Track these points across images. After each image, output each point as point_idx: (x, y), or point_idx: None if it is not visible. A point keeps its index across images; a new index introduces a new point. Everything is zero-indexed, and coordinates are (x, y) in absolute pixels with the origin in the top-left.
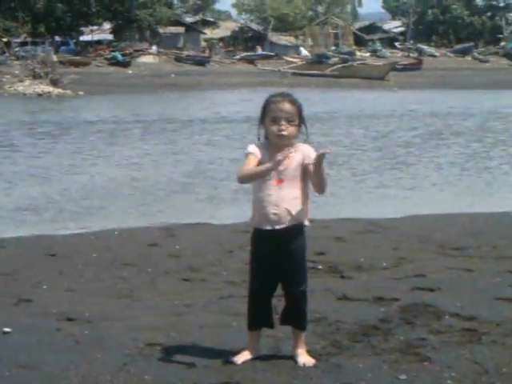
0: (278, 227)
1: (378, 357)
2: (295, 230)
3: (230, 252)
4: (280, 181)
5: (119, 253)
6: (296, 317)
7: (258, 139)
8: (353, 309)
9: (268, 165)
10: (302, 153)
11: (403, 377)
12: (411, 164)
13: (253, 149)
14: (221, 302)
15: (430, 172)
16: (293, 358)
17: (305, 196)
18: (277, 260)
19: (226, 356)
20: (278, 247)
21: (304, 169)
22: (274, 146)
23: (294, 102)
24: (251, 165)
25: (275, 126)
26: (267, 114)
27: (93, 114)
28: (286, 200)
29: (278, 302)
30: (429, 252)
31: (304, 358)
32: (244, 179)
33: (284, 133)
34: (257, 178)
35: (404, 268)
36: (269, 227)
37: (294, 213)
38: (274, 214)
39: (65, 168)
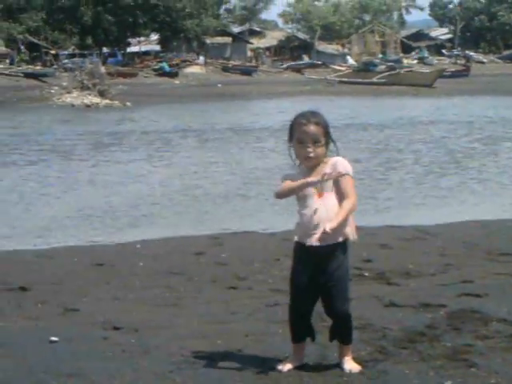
0: (325, 244)
1: (424, 363)
2: (341, 246)
3: (276, 260)
4: (320, 194)
5: (166, 262)
6: (342, 334)
7: (291, 158)
8: (399, 315)
9: (306, 180)
10: (331, 165)
11: (449, 383)
12: (461, 170)
13: (286, 177)
14: (267, 310)
15: (480, 178)
16: (339, 364)
17: None
18: (318, 277)
19: (272, 363)
20: (320, 264)
21: (334, 180)
22: (306, 168)
23: (318, 122)
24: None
25: (302, 149)
26: (294, 135)
27: (142, 125)
28: (332, 212)
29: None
30: (476, 258)
31: (350, 365)
32: (283, 194)
33: (311, 155)
34: (294, 193)
35: (451, 274)
36: (316, 243)
37: (341, 227)
38: (315, 232)
39: (114, 178)
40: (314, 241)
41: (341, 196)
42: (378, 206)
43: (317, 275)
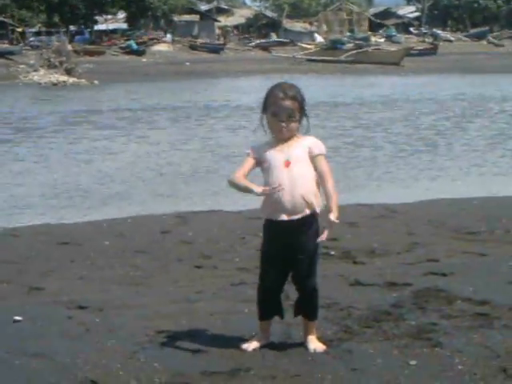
0: (295, 217)
1: (388, 342)
2: (310, 219)
3: (242, 239)
4: (287, 162)
5: (132, 240)
6: (307, 309)
7: (263, 127)
8: (365, 294)
9: (257, 188)
10: (307, 144)
11: (413, 362)
12: (429, 149)
13: (252, 150)
14: (232, 289)
15: (449, 156)
16: (303, 344)
17: (314, 179)
18: (290, 253)
19: (237, 343)
20: (292, 239)
21: (311, 160)
22: (276, 140)
23: (295, 97)
24: (244, 168)
25: (276, 122)
26: (269, 107)
27: (108, 103)
28: (298, 184)
29: (291, 288)
30: (442, 237)
31: (314, 344)
32: (231, 186)
33: (284, 130)
34: (241, 192)
35: (417, 253)
36: (285, 218)
37: (309, 199)
38: (290, 202)
39: (82, 156)
40: (323, 238)
41: (319, 175)
42: (347, 184)
43: (288, 250)
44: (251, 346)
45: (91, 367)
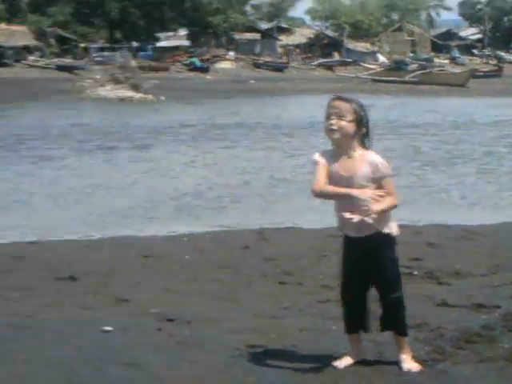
0: (361, 235)
1: (483, 364)
2: (380, 238)
3: (323, 256)
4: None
5: (212, 255)
6: (395, 323)
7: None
8: (453, 315)
9: (351, 192)
10: (370, 165)
11: None
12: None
13: (318, 157)
14: (318, 306)
15: None
16: (397, 363)
17: None
18: (366, 267)
19: (327, 360)
20: (365, 254)
21: (376, 182)
22: (337, 150)
23: (346, 99)
24: (322, 175)
25: (326, 122)
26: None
27: (180, 118)
28: (358, 208)
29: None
30: None
31: (409, 364)
32: (321, 195)
33: (333, 127)
34: (333, 199)
35: (503, 275)
36: (353, 234)
37: (369, 221)
38: (350, 223)
39: (160, 172)
40: (347, 215)
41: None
42: (422, 205)
43: (364, 264)
44: (343, 362)
45: (186, 380)
